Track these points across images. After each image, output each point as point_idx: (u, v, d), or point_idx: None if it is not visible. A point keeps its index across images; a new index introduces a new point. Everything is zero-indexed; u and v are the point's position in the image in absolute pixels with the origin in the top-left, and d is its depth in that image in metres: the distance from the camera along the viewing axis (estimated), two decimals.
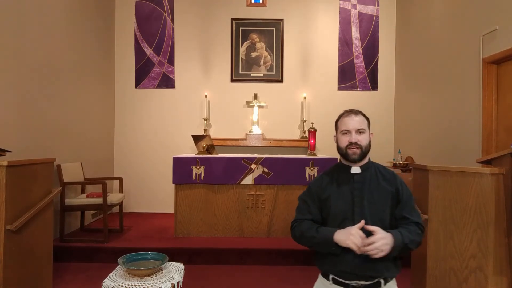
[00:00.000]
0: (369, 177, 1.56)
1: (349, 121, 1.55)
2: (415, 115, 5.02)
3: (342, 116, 1.60)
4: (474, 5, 3.69)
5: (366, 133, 1.56)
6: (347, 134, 1.55)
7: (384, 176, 1.58)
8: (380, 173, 1.59)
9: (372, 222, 1.47)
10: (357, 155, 1.53)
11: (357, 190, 1.53)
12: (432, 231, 2.51)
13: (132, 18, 5.67)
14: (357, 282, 1.47)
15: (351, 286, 1.48)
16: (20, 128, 3.51)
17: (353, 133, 1.53)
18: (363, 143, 1.54)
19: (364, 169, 1.57)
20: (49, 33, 3.97)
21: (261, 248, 3.73)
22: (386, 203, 1.52)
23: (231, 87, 5.74)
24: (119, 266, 1.98)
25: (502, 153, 2.46)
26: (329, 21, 5.71)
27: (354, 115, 1.56)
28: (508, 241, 2.41)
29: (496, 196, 2.42)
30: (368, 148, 1.57)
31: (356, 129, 1.54)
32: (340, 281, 1.50)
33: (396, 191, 1.54)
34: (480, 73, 3.54)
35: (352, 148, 1.53)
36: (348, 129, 1.54)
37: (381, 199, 1.52)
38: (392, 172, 1.61)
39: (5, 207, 2.24)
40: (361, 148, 1.53)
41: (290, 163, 4.20)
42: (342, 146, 1.56)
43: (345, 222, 1.50)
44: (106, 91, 5.45)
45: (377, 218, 1.49)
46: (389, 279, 1.51)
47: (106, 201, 3.85)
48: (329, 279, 1.53)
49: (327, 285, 1.54)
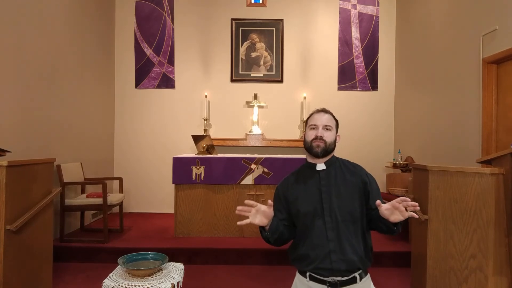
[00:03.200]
0: (334, 172, 1.59)
1: (318, 118, 1.62)
2: (415, 115, 5.02)
3: (312, 113, 1.67)
4: (474, 5, 3.69)
5: (333, 131, 1.62)
6: (314, 129, 1.60)
7: (349, 169, 1.61)
8: (345, 167, 1.63)
9: (342, 216, 1.51)
10: (320, 148, 1.57)
11: (324, 187, 1.56)
12: (432, 231, 2.51)
13: (132, 18, 5.67)
14: (333, 278, 1.48)
15: (327, 282, 1.49)
16: (20, 128, 3.51)
17: (320, 128, 1.59)
18: (328, 139, 1.59)
19: (329, 164, 1.61)
20: (49, 34, 3.97)
21: (261, 248, 3.72)
22: (354, 196, 1.55)
23: (231, 87, 5.74)
24: (119, 266, 1.98)
25: (502, 153, 2.46)
26: (329, 21, 5.71)
27: (323, 113, 1.63)
28: (508, 241, 2.41)
29: (496, 196, 2.43)
30: (333, 146, 1.61)
31: (323, 125, 1.59)
32: (317, 278, 1.51)
33: (363, 183, 1.57)
34: (480, 73, 3.54)
35: (316, 141, 1.58)
36: (316, 124, 1.60)
37: (349, 192, 1.55)
38: (357, 165, 1.65)
39: (5, 207, 2.24)
40: (325, 142, 1.58)
41: (290, 163, 4.20)
42: (308, 140, 1.61)
43: (316, 219, 1.53)
44: (106, 91, 5.45)
45: (347, 212, 1.52)
46: (364, 274, 1.53)
47: (106, 201, 3.85)
48: (306, 276, 1.54)
49: (304, 282, 1.55)
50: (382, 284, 3.10)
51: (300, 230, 1.58)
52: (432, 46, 4.55)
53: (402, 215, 1.36)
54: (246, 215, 1.46)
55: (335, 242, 1.49)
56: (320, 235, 1.51)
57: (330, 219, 1.51)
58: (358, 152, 5.44)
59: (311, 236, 1.53)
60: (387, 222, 1.43)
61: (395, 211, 1.37)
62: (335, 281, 1.48)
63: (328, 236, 1.50)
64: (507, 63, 3.31)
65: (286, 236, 1.61)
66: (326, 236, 1.50)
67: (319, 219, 1.52)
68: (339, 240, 1.49)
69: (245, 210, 1.46)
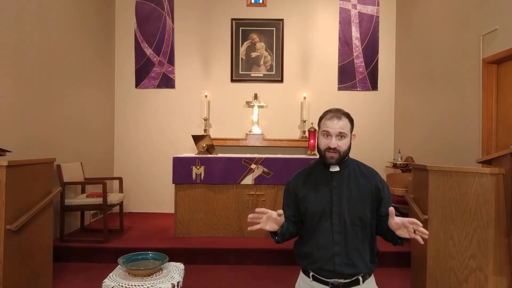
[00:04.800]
0: (347, 175, 1.55)
1: (331, 125, 1.50)
2: (415, 115, 5.02)
3: (325, 117, 1.54)
4: (474, 5, 3.69)
5: (347, 137, 1.52)
6: (328, 138, 1.51)
7: (363, 173, 1.57)
8: (359, 170, 1.57)
9: (351, 220, 1.48)
10: (334, 160, 1.50)
11: (335, 189, 1.52)
12: (432, 231, 2.51)
13: (132, 18, 5.67)
14: (335, 280, 1.48)
15: (330, 284, 1.48)
16: (20, 128, 3.51)
17: (333, 138, 1.50)
18: (342, 148, 1.50)
19: (343, 167, 1.56)
20: (49, 34, 3.97)
21: (261, 248, 3.73)
22: (366, 201, 1.51)
23: (231, 87, 5.74)
24: (119, 266, 1.98)
25: (502, 153, 2.46)
26: (329, 21, 5.71)
27: (337, 120, 1.50)
28: (508, 241, 2.41)
29: (496, 196, 2.42)
30: (347, 152, 1.53)
31: (337, 134, 1.50)
32: (320, 279, 1.50)
33: (376, 188, 1.53)
34: (480, 73, 3.54)
35: (330, 152, 1.50)
36: (329, 132, 1.50)
37: (361, 197, 1.51)
38: (372, 169, 1.60)
39: (5, 207, 2.24)
40: (339, 153, 1.50)
41: (290, 163, 4.20)
42: (322, 148, 1.53)
43: (323, 220, 1.51)
44: (106, 91, 5.45)
45: (356, 216, 1.49)
46: (367, 276, 1.52)
47: (106, 201, 3.85)
48: (309, 276, 1.54)
49: (307, 281, 1.55)
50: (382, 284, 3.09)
51: (307, 228, 1.57)
52: (432, 46, 4.55)
53: (409, 235, 1.35)
54: (257, 221, 1.44)
55: (341, 246, 1.47)
56: (325, 236, 1.49)
57: (338, 222, 1.49)
58: (358, 152, 5.39)
59: (316, 236, 1.51)
60: (393, 234, 1.42)
61: (403, 228, 1.36)
62: (337, 283, 1.47)
63: (334, 239, 1.48)
64: (507, 63, 3.31)
65: (294, 233, 1.60)
66: (332, 238, 1.48)
67: (326, 221, 1.50)
68: (346, 244, 1.47)
69: (256, 218, 1.44)
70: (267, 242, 3.95)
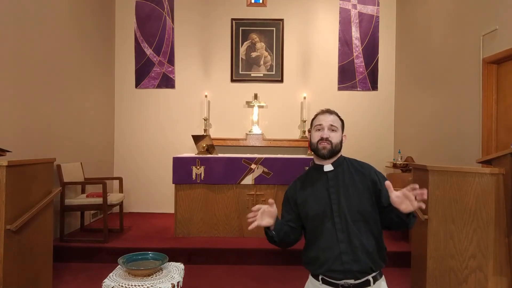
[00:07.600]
0: (342, 173, 1.58)
1: (323, 118, 1.60)
2: (415, 115, 5.02)
3: (317, 114, 1.65)
4: (474, 5, 3.69)
5: (339, 132, 1.60)
6: (320, 130, 1.59)
7: (357, 169, 1.59)
8: (353, 166, 1.61)
9: (352, 216, 1.49)
10: (326, 150, 1.56)
11: (332, 188, 1.55)
12: (432, 231, 2.51)
13: (132, 18, 5.67)
14: (346, 282, 1.47)
15: (340, 286, 1.48)
16: (20, 128, 3.51)
17: (325, 129, 1.58)
18: (334, 140, 1.57)
19: (337, 165, 1.60)
20: (49, 33, 3.97)
21: (261, 248, 3.72)
22: (364, 195, 1.53)
23: (231, 87, 5.74)
24: (119, 266, 1.98)
25: (502, 153, 2.46)
26: (329, 21, 5.71)
27: (328, 114, 1.61)
28: (508, 241, 2.41)
29: (496, 196, 2.43)
30: (339, 147, 1.60)
31: (328, 126, 1.58)
32: (330, 281, 1.50)
33: (372, 182, 1.54)
34: (480, 73, 3.54)
35: (322, 142, 1.56)
36: (321, 125, 1.59)
37: (358, 192, 1.53)
38: (365, 164, 1.63)
39: (5, 207, 2.24)
40: (331, 143, 1.56)
41: (290, 163, 4.20)
42: (314, 141, 1.60)
43: (325, 221, 1.52)
44: (106, 91, 5.45)
45: (356, 211, 1.50)
46: (378, 276, 1.51)
47: (106, 201, 3.85)
48: (319, 279, 1.53)
49: (317, 285, 1.54)
50: None
51: (310, 232, 1.58)
52: (432, 46, 4.55)
53: (412, 204, 1.33)
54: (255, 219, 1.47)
55: (346, 243, 1.47)
56: (330, 237, 1.50)
57: (339, 219, 1.49)
58: (358, 152, 5.42)
59: (320, 239, 1.52)
60: (399, 213, 1.39)
61: (405, 200, 1.34)
62: (348, 285, 1.47)
63: (338, 238, 1.48)
64: (507, 63, 3.31)
65: (292, 238, 1.61)
66: (336, 237, 1.48)
67: (328, 221, 1.51)
68: (350, 241, 1.47)
69: (253, 216, 1.48)
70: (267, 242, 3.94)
